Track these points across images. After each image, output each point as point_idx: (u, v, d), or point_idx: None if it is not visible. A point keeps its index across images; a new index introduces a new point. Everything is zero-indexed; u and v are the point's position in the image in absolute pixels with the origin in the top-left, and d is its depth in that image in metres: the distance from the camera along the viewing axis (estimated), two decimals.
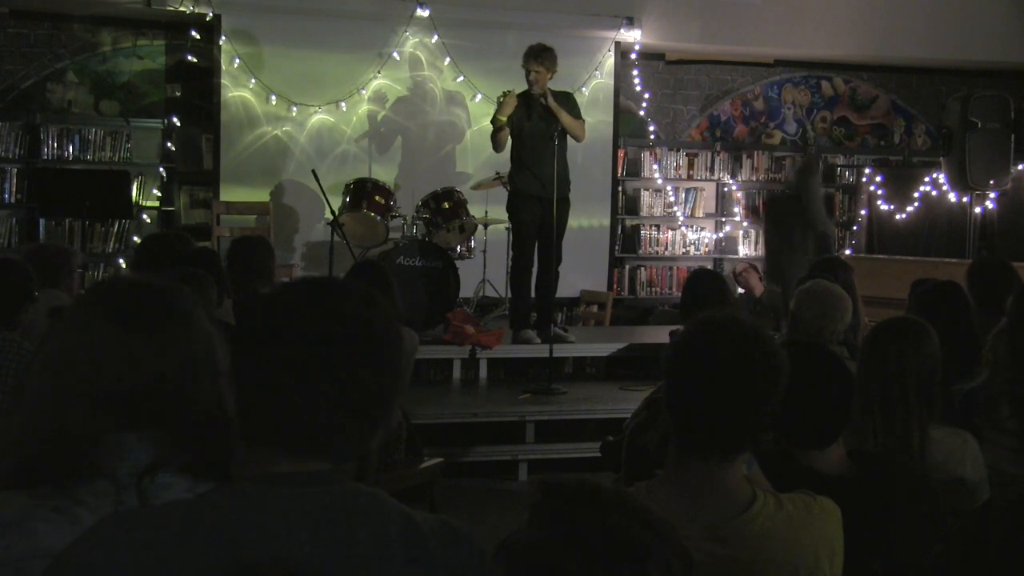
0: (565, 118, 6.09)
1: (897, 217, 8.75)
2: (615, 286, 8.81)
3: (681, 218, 9.17)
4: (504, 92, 6.27)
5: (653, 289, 9.16)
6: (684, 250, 9.19)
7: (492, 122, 6.29)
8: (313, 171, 6.85)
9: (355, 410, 1.24)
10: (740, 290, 8.06)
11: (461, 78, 8.22)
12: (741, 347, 1.73)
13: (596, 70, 8.46)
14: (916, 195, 8.63)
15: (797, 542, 1.74)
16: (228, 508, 1.20)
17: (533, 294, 6.45)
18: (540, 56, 6.09)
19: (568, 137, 6.17)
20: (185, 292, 1.54)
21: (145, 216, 8.16)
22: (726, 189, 9.27)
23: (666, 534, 1.28)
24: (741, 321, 1.82)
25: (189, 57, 8.08)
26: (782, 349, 1.81)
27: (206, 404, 1.46)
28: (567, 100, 6.29)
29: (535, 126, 6.20)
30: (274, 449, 1.25)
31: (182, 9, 7.65)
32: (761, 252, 8.68)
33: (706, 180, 9.26)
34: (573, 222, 6.69)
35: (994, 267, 4.31)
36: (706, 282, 4.05)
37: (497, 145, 6.34)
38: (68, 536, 1.29)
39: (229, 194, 7.91)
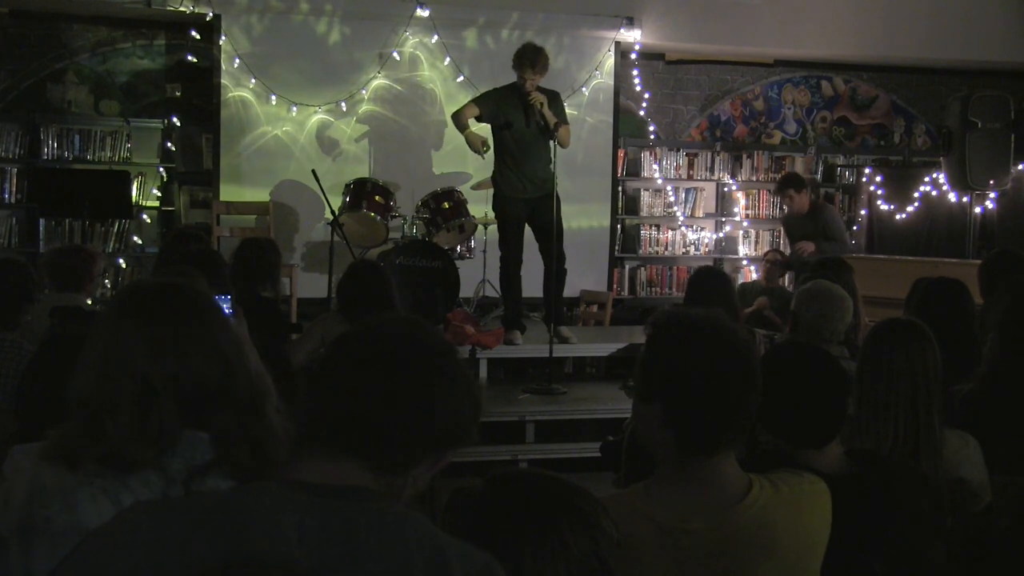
0: (557, 127, 5.92)
1: (897, 217, 8.75)
2: (615, 286, 8.81)
3: (681, 218, 9.17)
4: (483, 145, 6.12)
5: (653, 289, 9.16)
6: (684, 250, 9.18)
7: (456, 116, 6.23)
8: (313, 171, 6.85)
9: (417, 430, 1.28)
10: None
11: (461, 78, 8.22)
12: (702, 342, 1.73)
13: (596, 70, 8.46)
14: (916, 195, 8.62)
15: (797, 520, 1.76)
16: (242, 506, 1.21)
17: (541, 293, 6.40)
18: (535, 62, 5.88)
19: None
20: (206, 290, 1.60)
21: (145, 216, 8.16)
22: (726, 189, 9.26)
23: (580, 492, 1.34)
24: (691, 316, 1.80)
25: (189, 57, 8.08)
26: (749, 336, 1.81)
27: (241, 401, 1.50)
28: (555, 101, 6.13)
29: (520, 128, 6.09)
30: (322, 450, 1.27)
31: (182, 9, 7.64)
32: (760, 253, 8.68)
33: (706, 180, 9.25)
34: (573, 222, 6.68)
35: (1008, 261, 4.20)
36: (711, 279, 4.07)
37: (459, 125, 6.20)
38: (108, 517, 1.30)
39: (229, 194, 7.90)
